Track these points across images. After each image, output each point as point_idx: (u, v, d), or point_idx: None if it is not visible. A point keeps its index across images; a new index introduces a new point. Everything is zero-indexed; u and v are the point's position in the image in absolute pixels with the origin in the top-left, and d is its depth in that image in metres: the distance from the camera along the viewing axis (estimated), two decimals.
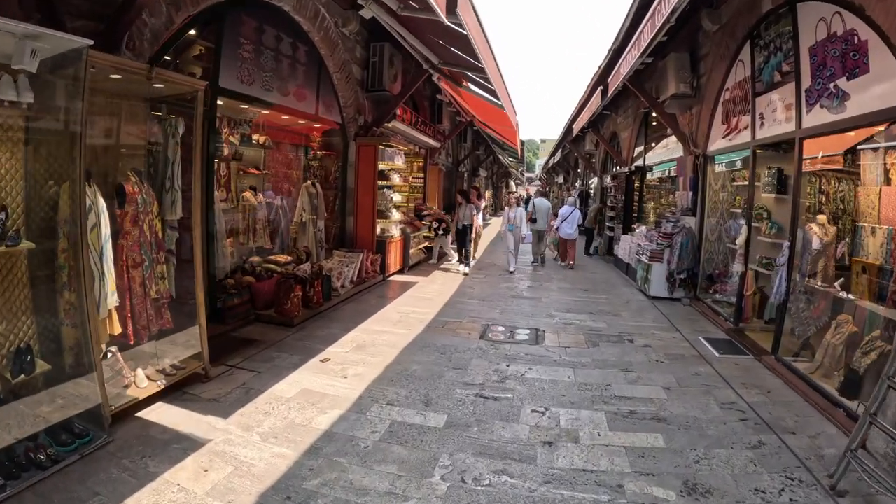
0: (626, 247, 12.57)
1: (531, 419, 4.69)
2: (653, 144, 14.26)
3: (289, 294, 7.53)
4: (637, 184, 14.79)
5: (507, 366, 5.99)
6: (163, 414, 4.56)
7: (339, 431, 4.36)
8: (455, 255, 12.75)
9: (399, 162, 11.39)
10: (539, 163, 70.85)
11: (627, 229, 14.58)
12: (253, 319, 7.57)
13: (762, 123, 7.51)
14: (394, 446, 4.14)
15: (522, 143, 18.97)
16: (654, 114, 13.53)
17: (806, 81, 6.29)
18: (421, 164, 16.63)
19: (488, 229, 23.80)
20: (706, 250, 9.71)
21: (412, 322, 7.68)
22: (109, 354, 4.87)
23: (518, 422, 4.64)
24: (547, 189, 45.33)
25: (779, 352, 6.54)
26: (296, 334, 6.99)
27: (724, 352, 6.85)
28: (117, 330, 4.78)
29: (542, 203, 13.90)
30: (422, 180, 16.59)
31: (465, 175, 24.51)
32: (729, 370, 6.12)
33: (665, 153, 13.11)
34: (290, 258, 9.15)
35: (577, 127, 15.19)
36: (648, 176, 14.25)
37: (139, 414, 4.51)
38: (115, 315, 4.69)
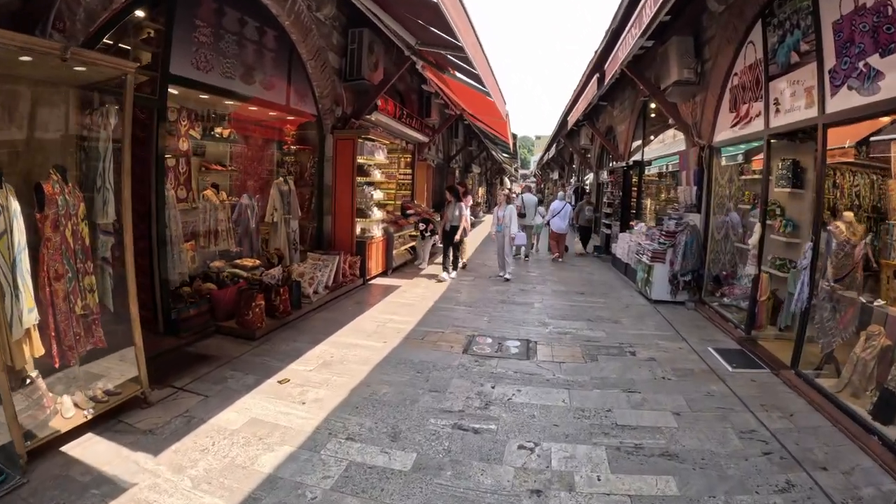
0: (625, 245, 11.82)
1: (517, 458, 3.93)
2: (651, 138, 13.53)
3: (250, 303, 6.76)
4: (635, 179, 14.04)
5: (493, 387, 5.22)
6: (89, 449, 3.85)
7: (285, 476, 3.60)
8: (440, 260, 11.65)
9: (381, 156, 10.61)
10: (534, 159, 70.17)
11: (625, 227, 13.85)
12: (212, 332, 6.80)
13: (777, 110, 6.77)
14: (347, 498, 3.38)
15: (515, 136, 18.23)
16: (652, 105, 12.83)
17: (829, 61, 5.56)
18: (408, 159, 15.88)
19: (481, 227, 23.03)
20: (712, 250, 8.97)
21: (389, 333, 6.91)
22: (28, 381, 4.13)
23: (501, 462, 3.87)
24: (542, 186, 44.71)
25: (799, 366, 5.83)
26: (256, 349, 6.23)
27: (738, 365, 6.11)
28: (39, 351, 4.08)
29: (530, 198, 14.53)
30: (409, 177, 15.83)
31: (457, 172, 23.74)
32: (745, 388, 5.38)
33: (665, 147, 12.39)
34: (257, 262, 8.38)
35: (572, 119, 14.44)
36: (647, 171, 13.49)
37: (65, 448, 3.83)
38: (35, 334, 3.99)
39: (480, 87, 8.38)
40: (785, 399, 5.18)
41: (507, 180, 56.13)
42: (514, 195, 21.27)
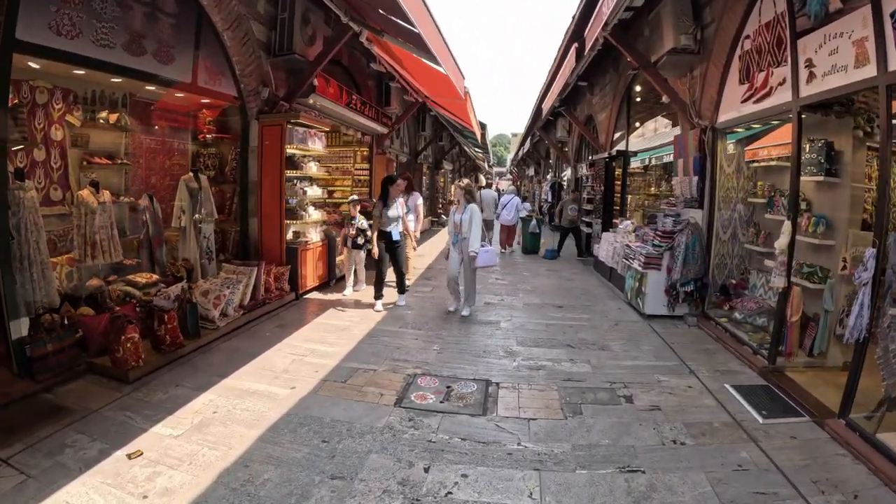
0: (609, 247, 10.20)
1: None
2: (637, 125, 11.99)
3: (119, 336, 5.00)
4: (619, 171, 12.43)
5: (426, 469, 3.51)
6: None
7: None
8: (366, 284, 8.80)
9: (318, 146, 8.82)
10: (510, 157, 68.71)
11: (608, 225, 12.25)
12: (83, 371, 5.08)
13: (811, 75, 5.17)
14: None
15: (484, 127, 16.63)
16: (637, 88, 11.28)
17: (891, 1, 4.01)
18: (365, 152, 14.18)
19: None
20: (717, 253, 7.38)
21: (303, 373, 5.21)
22: None
23: None
24: (519, 184, 43.23)
25: (849, 412, 4.25)
26: (126, 398, 4.55)
27: (769, 413, 4.52)
28: None
29: (488, 193, 15.37)
30: (367, 172, 14.11)
31: (425, 168, 22.02)
32: (786, 454, 3.82)
33: (654, 136, 10.83)
34: (153, 277, 6.62)
35: (547, 105, 12.81)
36: (633, 162, 11.89)
37: None
38: None
39: (426, 54, 6.67)
40: (840, 468, 3.67)
41: (482, 178, 54.59)
42: (491, 188, 19.13)
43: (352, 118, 11.37)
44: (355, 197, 8.99)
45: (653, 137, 11.18)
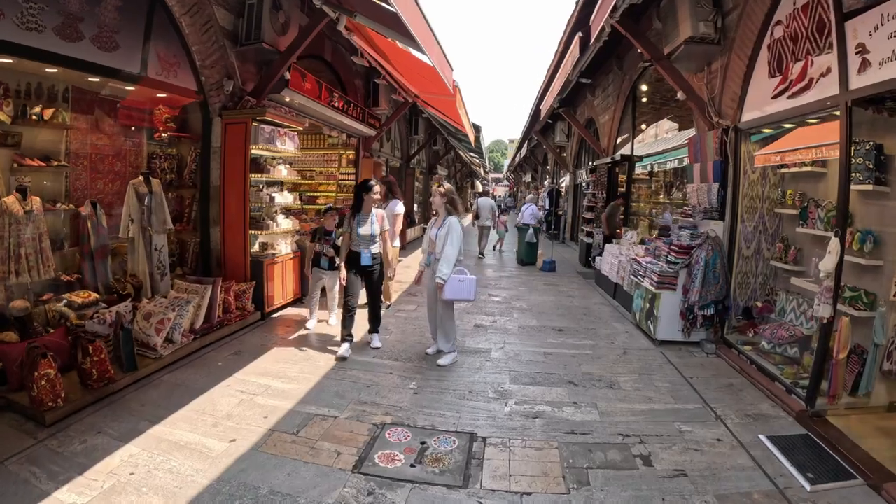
0: (613, 260, 9.30)
1: None
2: (643, 127, 11.10)
3: (33, 372, 4.09)
4: (622, 178, 11.54)
5: None
6: None
7: None
8: (333, 316, 7.08)
9: (289, 146, 7.87)
10: (507, 163, 67.93)
11: (610, 236, 11.34)
12: (3, 406, 4.27)
13: (864, 63, 4.28)
14: None
15: (478, 129, 15.76)
16: (643, 88, 10.42)
17: None
18: (352, 156, 13.31)
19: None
20: (739, 270, 6.49)
21: (249, 418, 4.28)
22: None
23: None
24: (515, 190, 42.38)
25: None
26: (37, 447, 3.71)
27: (816, 475, 3.65)
28: None
29: (486, 201, 15.60)
30: (353, 177, 13.23)
31: (417, 173, 21.12)
32: None
33: (663, 138, 9.94)
34: (91, 296, 5.72)
35: (546, 104, 11.90)
36: (638, 168, 10.99)
37: None
38: None
39: (409, 39, 5.76)
40: None
41: (478, 184, 53.64)
42: (488, 195, 18.26)
43: (333, 118, 10.47)
44: (331, 206, 7.93)
45: (661, 141, 10.29)
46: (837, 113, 4.70)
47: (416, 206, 20.72)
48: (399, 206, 7.74)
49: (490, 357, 5.95)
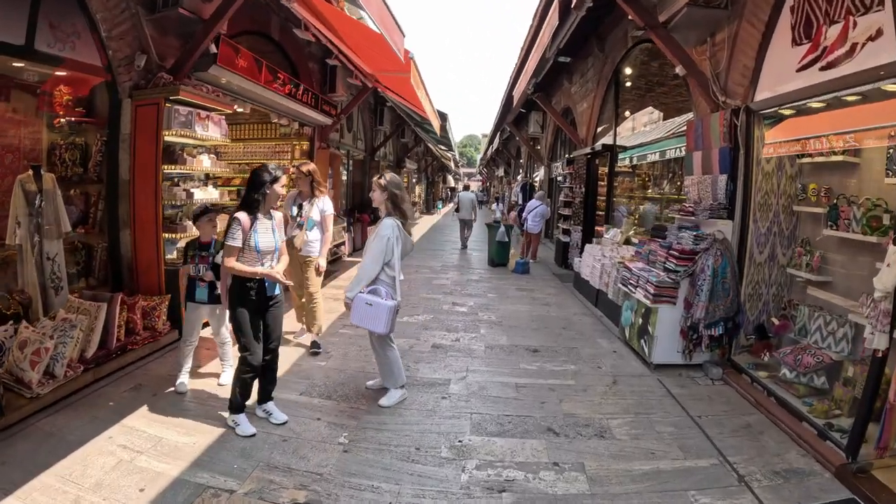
0: (594, 263, 8.19)
1: None
2: (627, 114, 9.99)
3: None
4: (604, 170, 10.45)
5: None
6: None
7: None
8: (226, 372, 4.83)
9: (215, 133, 6.54)
10: (480, 157, 66.93)
11: (590, 235, 10.26)
12: None
13: None
14: None
15: (444, 117, 14.58)
16: (627, 71, 9.32)
17: None
18: (305, 147, 12.01)
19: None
20: (751, 279, 5.40)
21: (123, 490, 3.12)
22: None
23: None
24: (488, 185, 41.40)
25: None
26: None
27: None
28: None
29: (466, 195, 15.83)
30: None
31: (382, 166, 19.81)
32: None
33: (650, 127, 8.88)
34: None
35: (519, 89, 10.73)
36: (622, 158, 9.89)
37: None
38: None
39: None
40: None
41: (450, 178, 52.44)
42: (468, 189, 17.56)
43: (280, 103, 9.22)
44: (207, 205, 5.47)
45: (646, 132, 9.24)
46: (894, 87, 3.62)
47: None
48: (330, 208, 5.75)
49: (448, 392, 4.73)
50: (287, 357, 5.16)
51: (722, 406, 4.66)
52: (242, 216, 3.75)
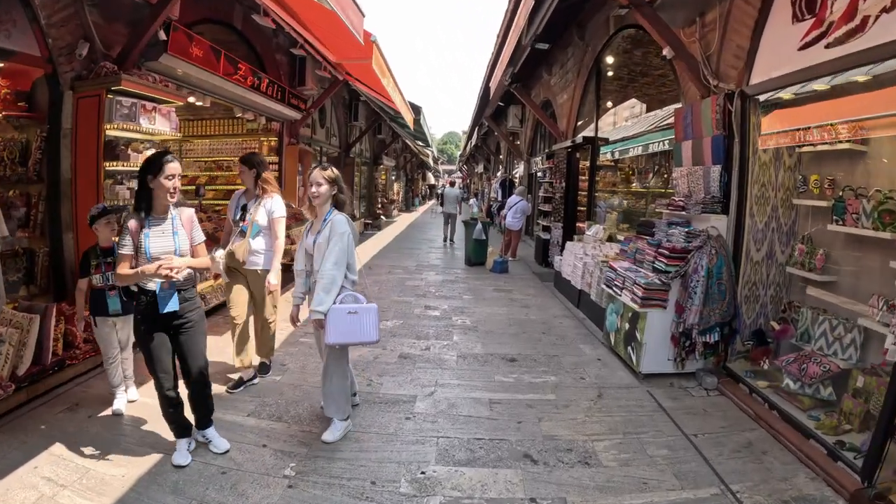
0: (575, 261, 7.71)
1: None
2: (609, 104, 9.54)
3: None
4: (584, 164, 9.98)
5: None
6: None
7: None
8: (133, 388, 4.28)
9: (162, 126, 5.92)
10: (459, 154, 66.45)
11: (571, 231, 9.79)
12: None
13: None
14: None
15: (418, 110, 14.00)
16: (609, 60, 8.86)
17: None
18: (274, 142, 11.41)
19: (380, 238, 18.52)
20: (748, 279, 4.94)
21: None
22: None
23: None
24: (468, 182, 40.96)
25: None
26: None
27: None
28: None
29: (451, 191, 16.19)
30: (276, 167, 11.37)
31: (357, 163, 19.21)
32: None
33: (631, 121, 8.44)
34: None
35: (496, 80, 10.20)
36: (604, 153, 9.42)
37: None
38: None
39: None
40: None
41: (430, 175, 51.84)
42: (454, 185, 17.58)
43: (241, 96, 8.63)
44: (106, 206, 4.34)
45: (631, 124, 8.80)
46: None
47: (357, 200, 18.85)
48: (282, 209, 4.59)
49: (413, 411, 4.19)
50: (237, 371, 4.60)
51: (719, 421, 4.19)
52: (131, 220, 3.15)
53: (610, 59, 9.19)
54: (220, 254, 4.38)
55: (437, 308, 7.54)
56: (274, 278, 4.47)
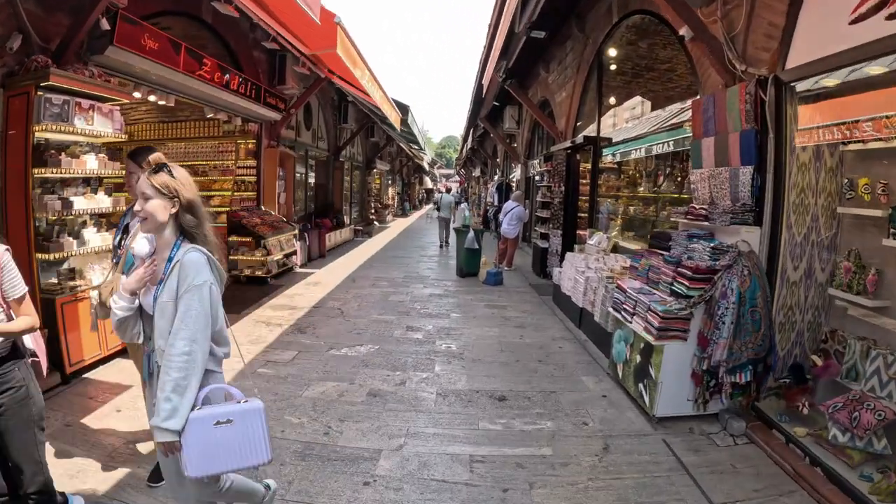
0: (576, 275, 6.89)
1: None
2: (612, 101, 8.74)
3: None
4: (586, 166, 9.17)
5: None
6: None
7: None
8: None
9: (102, 126, 5.09)
10: (456, 158, 65.70)
11: (571, 240, 8.98)
12: None
13: None
14: None
15: (406, 109, 13.15)
16: (612, 52, 8.08)
17: None
18: (252, 145, 10.67)
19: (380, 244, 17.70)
20: (783, 303, 4.11)
21: None
22: None
23: None
24: (466, 186, 40.30)
25: None
26: None
27: None
28: None
29: (447, 197, 17.31)
30: (253, 172, 10.63)
31: (347, 167, 18.39)
32: None
33: (632, 123, 7.68)
34: None
35: (488, 76, 9.41)
36: (606, 155, 8.61)
37: None
38: None
39: None
40: None
41: (427, 180, 51.02)
42: (449, 192, 17.50)
43: (210, 94, 7.85)
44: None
45: (632, 126, 8.01)
46: None
47: (345, 205, 18.05)
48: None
49: (374, 473, 3.32)
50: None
51: (752, 482, 3.37)
52: None
53: (613, 52, 8.40)
54: (95, 295, 3.22)
55: (420, 329, 6.68)
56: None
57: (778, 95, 3.97)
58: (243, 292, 8.37)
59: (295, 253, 10.72)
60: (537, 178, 12.89)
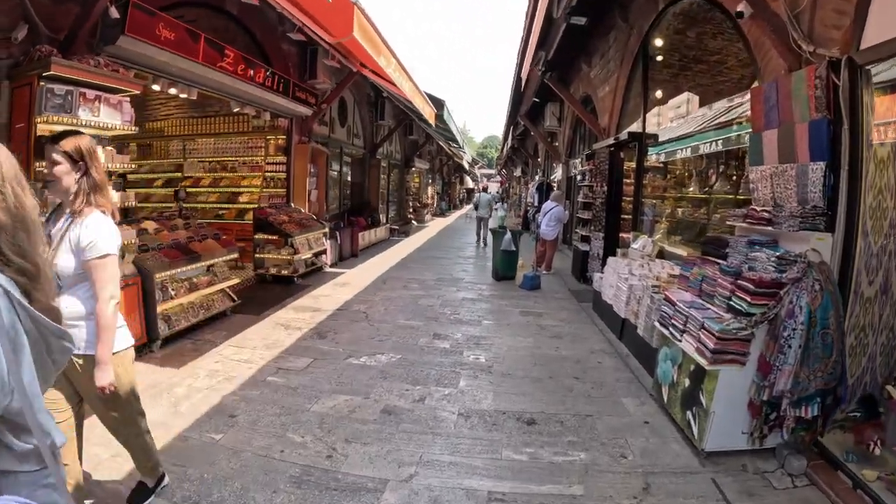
0: (617, 283, 6.37)
1: None
2: (658, 94, 8.17)
3: None
4: (630, 164, 8.62)
5: None
6: None
7: None
8: None
9: (111, 118, 4.86)
10: (497, 157, 65.05)
11: (613, 243, 8.44)
12: None
13: None
14: None
15: (441, 104, 12.72)
16: (658, 43, 7.53)
17: None
18: (282, 141, 10.49)
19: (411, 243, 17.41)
20: (855, 323, 3.53)
21: None
22: None
23: None
24: (507, 185, 39.80)
25: None
26: None
27: None
28: None
29: (485, 196, 18.04)
30: (283, 168, 10.42)
31: (383, 165, 18.06)
32: None
33: (677, 122, 7.13)
34: None
35: (526, 68, 8.93)
36: (652, 154, 8.04)
37: None
38: None
39: None
40: None
41: (468, 179, 50.55)
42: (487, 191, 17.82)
43: (233, 87, 7.66)
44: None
45: (677, 125, 7.45)
46: None
47: (381, 203, 17.75)
48: (103, 233, 2.40)
49: None
50: (187, 415, 3.44)
51: None
52: None
53: (659, 43, 7.82)
54: None
55: (447, 337, 6.26)
56: (107, 375, 2.36)
57: (852, 80, 3.40)
58: (267, 292, 8.11)
59: (325, 252, 10.45)
60: (578, 177, 12.33)
